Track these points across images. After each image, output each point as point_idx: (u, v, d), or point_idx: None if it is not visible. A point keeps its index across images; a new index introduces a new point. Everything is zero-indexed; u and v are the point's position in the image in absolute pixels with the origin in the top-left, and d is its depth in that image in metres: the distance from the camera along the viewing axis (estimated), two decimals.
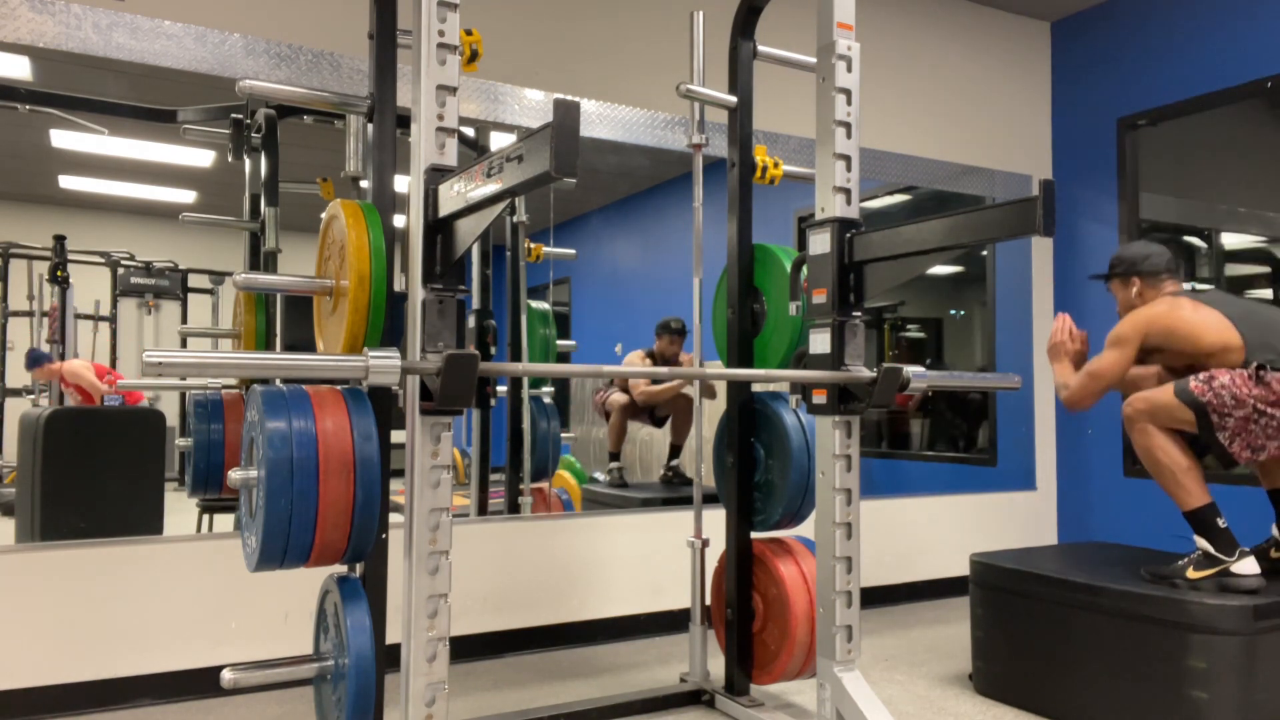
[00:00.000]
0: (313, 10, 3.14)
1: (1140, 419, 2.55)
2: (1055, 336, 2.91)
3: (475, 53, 2.10)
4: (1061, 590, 2.65)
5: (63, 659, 2.71)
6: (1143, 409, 2.54)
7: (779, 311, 2.70)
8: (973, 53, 4.67)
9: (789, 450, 2.63)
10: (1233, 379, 2.44)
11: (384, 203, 2.11)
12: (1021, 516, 4.67)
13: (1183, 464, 2.49)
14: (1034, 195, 1.84)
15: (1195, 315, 2.59)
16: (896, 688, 3.00)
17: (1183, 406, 2.47)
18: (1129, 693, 2.48)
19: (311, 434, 1.82)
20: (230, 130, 3.43)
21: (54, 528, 3.11)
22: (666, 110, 3.74)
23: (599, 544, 3.57)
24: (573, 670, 3.19)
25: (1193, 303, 2.63)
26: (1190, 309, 2.61)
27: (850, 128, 2.33)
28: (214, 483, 2.98)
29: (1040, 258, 4.82)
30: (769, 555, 2.67)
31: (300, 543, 1.83)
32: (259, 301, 3.11)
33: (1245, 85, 4.03)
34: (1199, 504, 2.48)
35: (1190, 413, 2.46)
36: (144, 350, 1.51)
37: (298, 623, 2.96)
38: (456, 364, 1.69)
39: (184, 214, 3.62)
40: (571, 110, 1.36)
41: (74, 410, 4.01)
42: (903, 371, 2.23)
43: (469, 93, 3.36)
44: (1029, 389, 4.73)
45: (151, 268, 5.19)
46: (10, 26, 2.68)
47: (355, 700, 1.88)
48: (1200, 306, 2.61)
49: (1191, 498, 2.48)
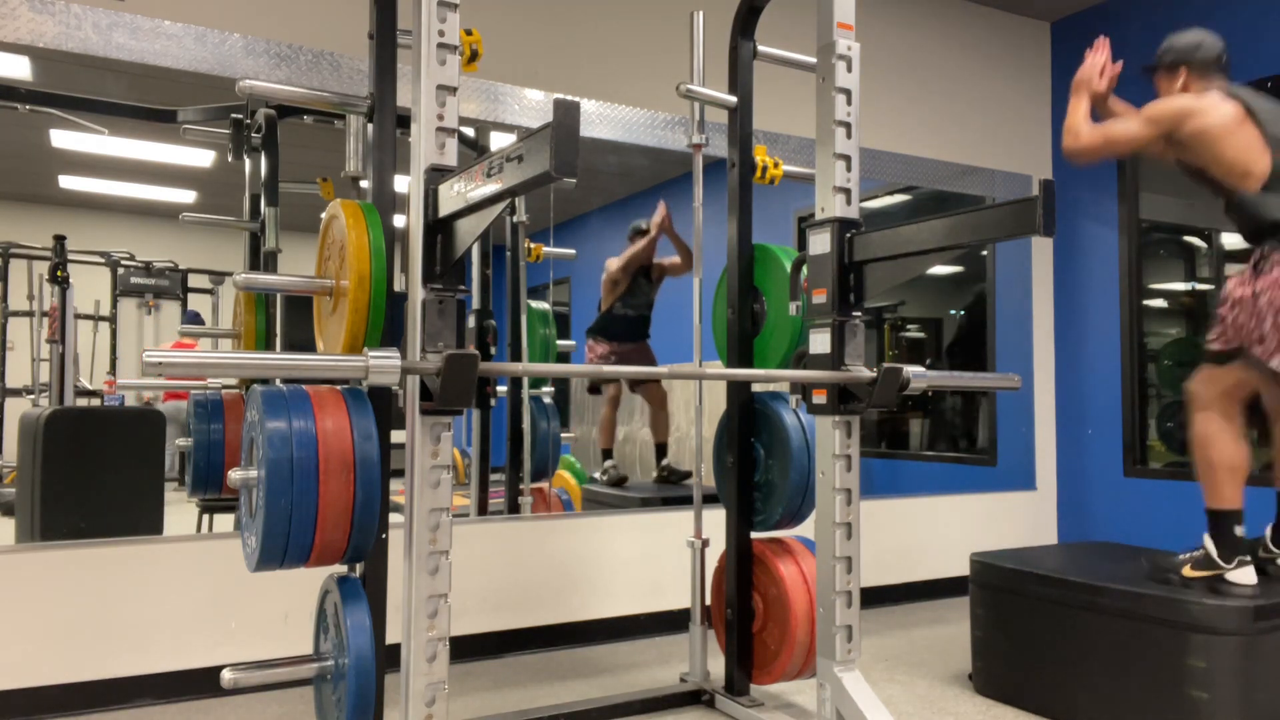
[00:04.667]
0: (313, 10, 3.14)
1: (1214, 404, 2.46)
2: (1086, 70, 2.71)
3: (475, 53, 2.10)
4: (1061, 590, 2.65)
5: (63, 659, 2.71)
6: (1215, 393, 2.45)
7: (779, 311, 2.70)
8: (973, 53, 4.67)
9: (789, 450, 2.63)
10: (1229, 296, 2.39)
11: (384, 203, 2.11)
12: (1021, 516, 4.67)
13: (1233, 464, 2.44)
14: (1034, 195, 1.84)
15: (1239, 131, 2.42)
16: (896, 688, 3.00)
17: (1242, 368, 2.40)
18: (1129, 692, 2.48)
19: (311, 434, 1.82)
20: (230, 130, 3.43)
21: (54, 528, 3.10)
22: (666, 110, 3.74)
23: (599, 544, 3.57)
24: (573, 670, 3.19)
25: (1242, 114, 2.45)
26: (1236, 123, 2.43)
27: (850, 128, 2.33)
28: (214, 483, 2.98)
29: (1040, 258, 4.82)
30: (769, 555, 2.67)
31: (300, 543, 1.83)
32: (259, 301, 3.11)
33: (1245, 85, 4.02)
34: (1228, 507, 2.44)
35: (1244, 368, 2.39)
36: (144, 350, 1.51)
37: (298, 623, 2.96)
38: (456, 364, 1.69)
39: (184, 214, 3.61)
40: (571, 110, 1.36)
41: (74, 410, 4.00)
42: (903, 371, 2.23)
43: (469, 93, 3.36)
44: (1029, 389, 4.73)
45: (151, 268, 5.18)
46: (10, 26, 2.68)
47: (355, 700, 1.88)
48: (1245, 124, 2.43)
49: (1224, 499, 2.44)
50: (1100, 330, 4.61)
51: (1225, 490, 2.44)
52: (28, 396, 4.93)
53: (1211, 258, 4.74)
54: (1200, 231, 4.77)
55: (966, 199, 4.66)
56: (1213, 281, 4.68)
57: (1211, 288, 4.66)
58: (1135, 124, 2.55)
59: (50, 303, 4.53)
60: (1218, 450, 2.45)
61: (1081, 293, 4.71)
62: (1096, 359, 4.62)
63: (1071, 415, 4.73)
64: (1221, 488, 2.44)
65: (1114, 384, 4.52)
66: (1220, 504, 2.45)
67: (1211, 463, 2.46)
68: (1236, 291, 2.42)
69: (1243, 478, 2.45)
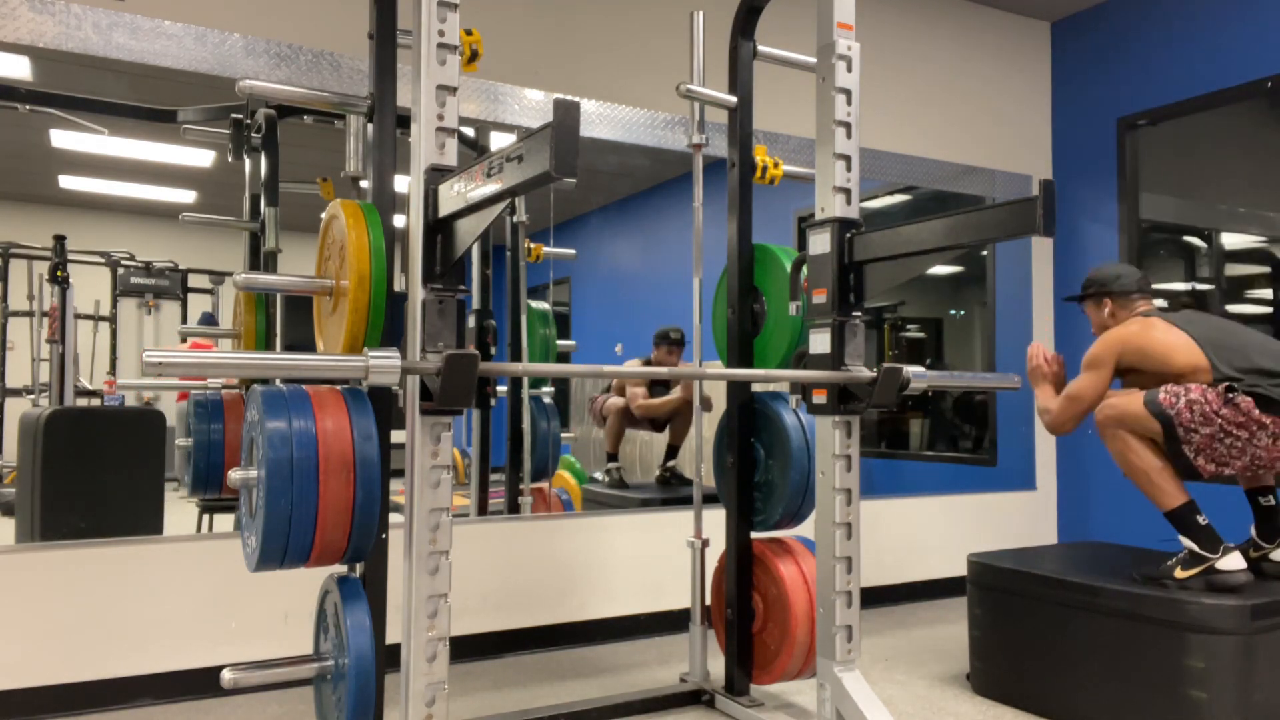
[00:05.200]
0: (313, 10, 3.14)
1: (1111, 425, 2.59)
2: (1032, 361, 2.95)
3: (475, 53, 2.10)
4: (1059, 590, 2.66)
5: (63, 659, 2.71)
6: (1113, 415, 2.58)
7: (779, 311, 2.70)
8: (973, 53, 4.67)
9: (789, 450, 2.63)
10: (1203, 394, 2.46)
11: (384, 203, 2.11)
12: (1021, 516, 4.67)
13: (1156, 465, 2.52)
14: (1034, 195, 1.84)
15: (1167, 336, 2.61)
16: (896, 688, 3.00)
17: (1150, 417, 2.50)
18: (1127, 693, 2.48)
19: (311, 434, 1.83)
20: (230, 130, 3.43)
21: (54, 528, 3.10)
22: (667, 110, 3.74)
23: (599, 544, 3.57)
24: (573, 670, 3.20)
25: (1165, 323, 2.66)
26: (1162, 330, 2.63)
27: (850, 128, 2.33)
28: (214, 483, 2.98)
29: (1040, 258, 4.82)
30: (769, 555, 2.67)
31: (300, 543, 1.83)
32: (259, 301, 3.11)
33: (1245, 85, 4.03)
34: (1177, 503, 2.50)
35: (1157, 424, 2.50)
36: (144, 350, 1.51)
37: (298, 623, 2.96)
38: (456, 364, 1.69)
39: (184, 214, 3.62)
40: (571, 110, 1.36)
41: (74, 410, 4.00)
42: (903, 371, 2.23)
43: (469, 93, 3.36)
44: (1029, 389, 4.71)
45: (151, 268, 5.18)
46: (10, 26, 2.68)
47: (355, 700, 1.88)
48: (1171, 328, 2.63)
49: (1169, 498, 2.51)
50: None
51: (1166, 488, 2.51)
52: (28, 396, 4.94)
53: (1211, 258, 4.74)
54: (1200, 231, 4.77)
55: (966, 199, 4.66)
56: (1213, 281, 4.68)
57: (1211, 288, 4.66)
58: (1087, 374, 2.73)
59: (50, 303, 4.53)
60: (1138, 457, 2.54)
61: None
62: None
63: None
64: (1162, 489, 2.52)
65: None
66: (1171, 503, 2.51)
67: (1138, 470, 2.55)
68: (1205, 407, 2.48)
69: (1173, 473, 2.53)
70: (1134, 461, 2.55)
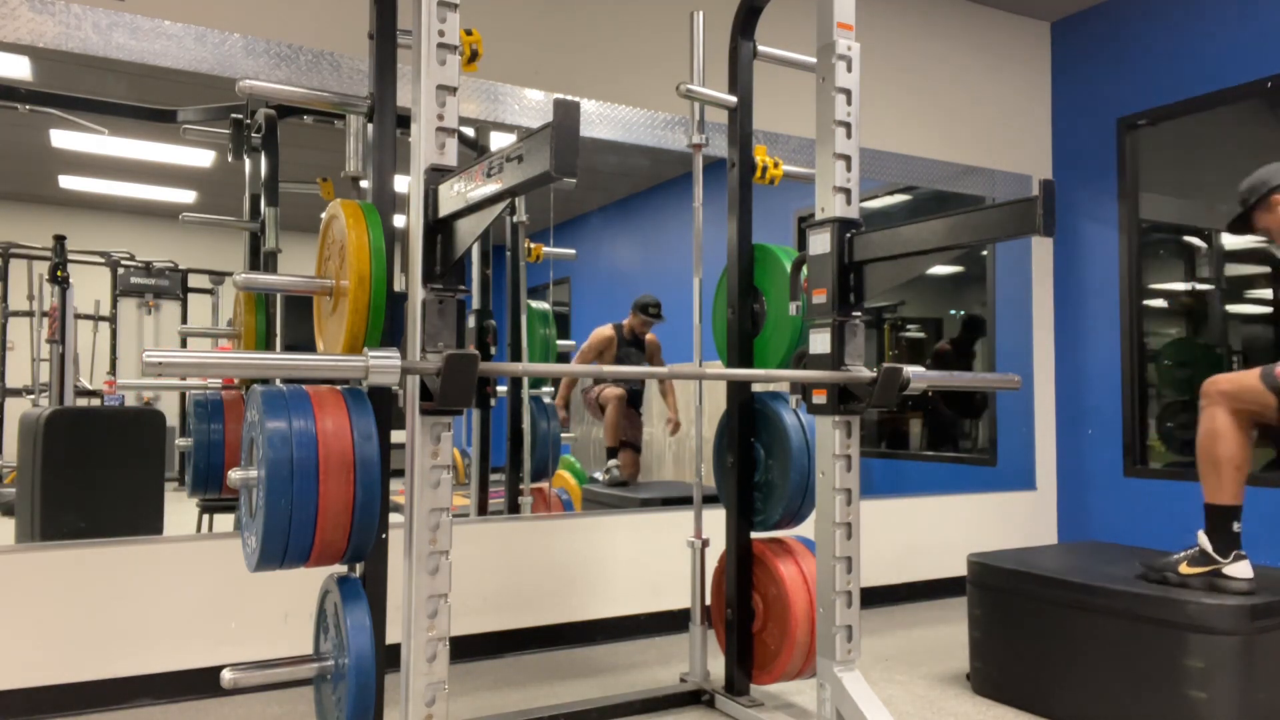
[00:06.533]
0: (313, 10, 3.14)
1: (1218, 398, 2.47)
2: None
3: (475, 53, 2.10)
4: (1059, 590, 2.65)
5: (63, 659, 2.71)
6: (1226, 390, 2.47)
7: (779, 311, 2.70)
8: (973, 53, 4.67)
9: (789, 450, 2.63)
10: None
11: (384, 203, 2.11)
12: (1021, 516, 4.67)
13: (1238, 461, 2.44)
14: (1034, 195, 1.84)
15: None
16: (896, 688, 3.00)
17: (1266, 392, 2.40)
18: (1127, 693, 2.48)
19: (311, 434, 1.83)
20: (230, 130, 3.43)
21: (54, 528, 3.10)
22: (666, 110, 3.74)
23: (599, 544, 3.57)
24: (573, 670, 3.20)
25: None
26: None
27: (850, 128, 2.33)
28: (214, 483, 2.98)
29: (1040, 258, 4.82)
30: (769, 555, 2.67)
31: (300, 543, 1.83)
32: (259, 301, 3.11)
33: (1245, 85, 4.03)
34: (1229, 502, 2.44)
35: (1274, 399, 2.39)
36: (144, 350, 1.51)
37: (298, 623, 2.96)
38: (456, 364, 1.69)
39: (184, 214, 3.62)
40: (571, 110, 1.36)
41: (74, 410, 4.00)
42: (903, 371, 2.23)
43: (469, 93, 3.36)
44: (1029, 389, 4.73)
45: (151, 268, 5.19)
46: (10, 26, 2.69)
47: (355, 700, 1.88)
48: None
49: (1226, 495, 2.44)
50: (1100, 330, 4.61)
51: (1228, 486, 2.44)
52: (28, 396, 4.94)
53: (1211, 258, 4.74)
54: (1200, 231, 4.77)
55: (966, 199, 4.66)
56: (1213, 281, 4.68)
57: (1211, 287, 4.66)
58: None
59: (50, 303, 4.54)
60: (1225, 445, 2.45)
61: (1081, 293, 4.71)
62: (1096, 359, 4.62)
63: (1071, 415, 4.73)
64: (1224, 483, 2.45)
65: (1114, 384, 4.53)
66: (1221, 499, 2.45)
67: (1217, 458, 2.46)
68: None
69: (1244, 476, 2.46)
70: (1219, 449, 2.44)
